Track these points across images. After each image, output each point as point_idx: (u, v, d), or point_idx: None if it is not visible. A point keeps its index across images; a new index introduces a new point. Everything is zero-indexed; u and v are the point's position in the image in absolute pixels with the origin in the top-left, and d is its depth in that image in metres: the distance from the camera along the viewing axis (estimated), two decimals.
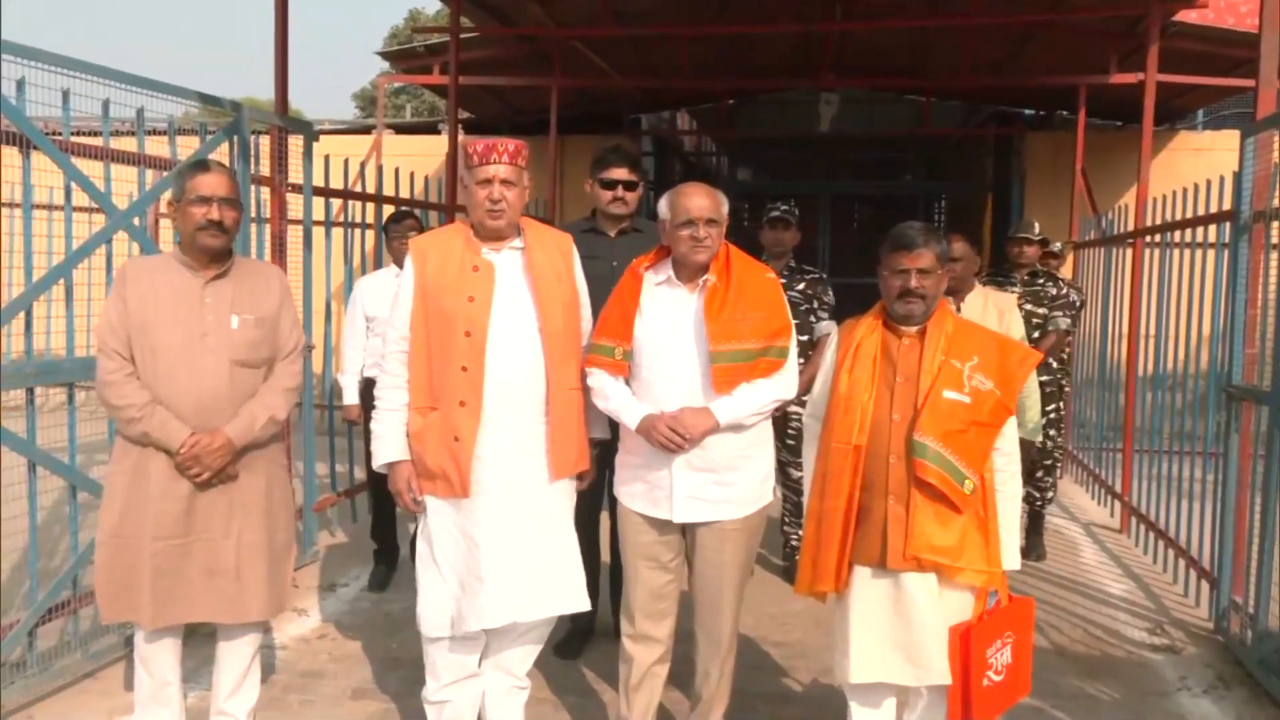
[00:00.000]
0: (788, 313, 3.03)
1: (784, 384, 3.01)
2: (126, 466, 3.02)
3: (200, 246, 3.03)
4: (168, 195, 3.16)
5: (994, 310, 4.42)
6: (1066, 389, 6.23)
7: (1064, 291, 5.59)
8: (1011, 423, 2.83)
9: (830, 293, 4.85)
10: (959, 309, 4.43)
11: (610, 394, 3.04)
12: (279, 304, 3.20)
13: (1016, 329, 4.37)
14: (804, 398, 3.22)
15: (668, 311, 3.03)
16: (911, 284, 2.78)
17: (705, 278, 3.00)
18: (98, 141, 3.94)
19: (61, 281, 3.81)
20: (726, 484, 3.00)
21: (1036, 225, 5.73)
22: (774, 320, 2.97)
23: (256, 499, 3.13)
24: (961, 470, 2.71)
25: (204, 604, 3.07)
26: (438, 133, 11.73)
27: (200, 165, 3.11)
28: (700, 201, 2.96)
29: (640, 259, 3.12)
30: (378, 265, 6.08)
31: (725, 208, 3.02)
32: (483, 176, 3.00)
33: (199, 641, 3.95)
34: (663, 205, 3.06)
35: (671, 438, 2.89)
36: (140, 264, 3.13)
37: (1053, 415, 5.63)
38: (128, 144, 4.10)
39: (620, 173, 3.88)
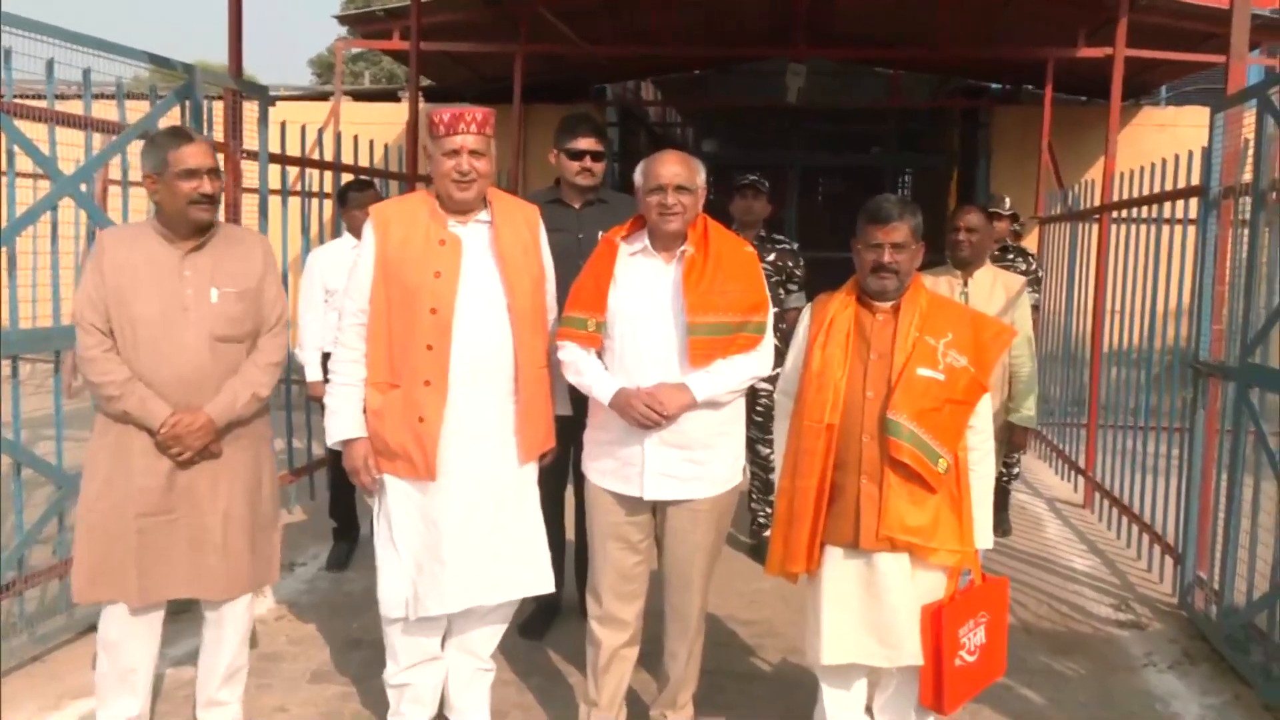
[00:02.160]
0: (765, 288, 2.98)
1: (759, 360, 2.96)
2: (108, 442, 2.96)
3: (193, 221, 2.96)
4: (137, 165, 3.05)
5: (1002, 290, 4.35)
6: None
7: (1033, 267, 5.59)
8: (986, 400, 2.81)
9: (802, 264, 4.80)
10: (966, 284, 4.39)
11: (583, 368, 2.97)
12: (262, 274, 3.11)
13: (1022, 314, 4.30)
14: (774, 373, 3.18)
15: (643, 282, 2.96)
16: (885, 259, 2.74)
17: (683, 248, 2.94)
18: (42, 104, 3.78)
19: (3, 250, 3.66)
20: (699, 462, 2.95)
21: (1007, 200, 5.72)
22: (751, 294, 2.91)
23: (242, 473, 3.08)
24: (935, 449, 2.68)
25: (190, 580, 3.02)
26: (397, 100, 11.51)
27: (180, 135, 3.01)
28: (672, 168, 2.89)
29: (616, 229, 3.05)
30: (336, 235, 5.95)
31: (701, 176, 2.95)
32: (449, 147, 2.91)
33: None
34: (638, 173, 2.99)
35: (647, 414, 2.83)
36: (117, 234, 3.05)
37: None
38: (74, 107, 3.94)
39: (588, 142, 3.79)
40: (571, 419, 3.31)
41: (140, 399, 2.89)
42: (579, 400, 3.21)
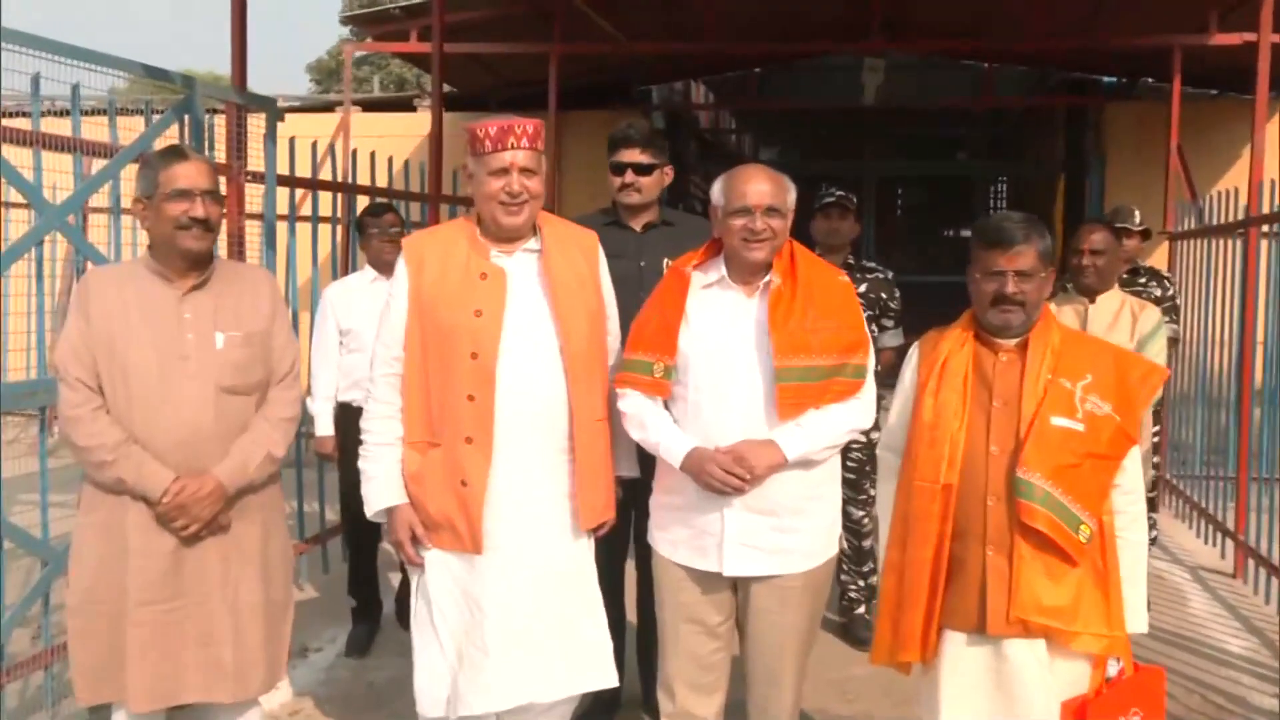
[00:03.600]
0: (864, 324, 2.95)
1: (861, 410, 2.93)
2: (98, 519, 2.94)
3: (182, 250, 2.96)
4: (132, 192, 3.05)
5: (1128, 317, 4.31)
6: (1158, 406, 6.13)
7: (1170, 293, 5.50)
8: (1134, 454, 2.74)
9: (898, 296, 4.76)
10: (1086, 311, 4.34)
11: (649, 422, 2.95)
12: (271, 316, 3.12)
13: (1156, 347, 4.24)
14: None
15: (720, 319, 2.94)
16: (1008, 289, 2.69)
17: (767, 279, 2.92)
18: (26, 124, 3.86)
19: None
20: (789, 530, 2.91)
21: (1137, 214, 5.63)
22: (848, 332, 2.88)
23: (252, 550, 3.06)
24: (1076, 513, 2.62)
25: (199, 680, 2.99)
26: (413, 109, 11.66)
27: (174, 153, 3.04)
28: (760, 186, 2.88)
29: (686, 256, 3.03)
30: (350, 267, 6.01)
31: (791, 195, 2.94)
32: (497, 165, 2.91)
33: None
34: (716, 189, 2.98)
35: (727, 479, 2.80)
36: (104, 274, 3.06)
37: (1154, 440, 5.53)
38: (60, 126, 4.02)
39: (630, 154, 3.79)
40: (633, 480, 3.28)
41: (137, 464, 2.87)
42: (644, 460, 3.19)
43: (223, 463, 2.96)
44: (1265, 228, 6.06)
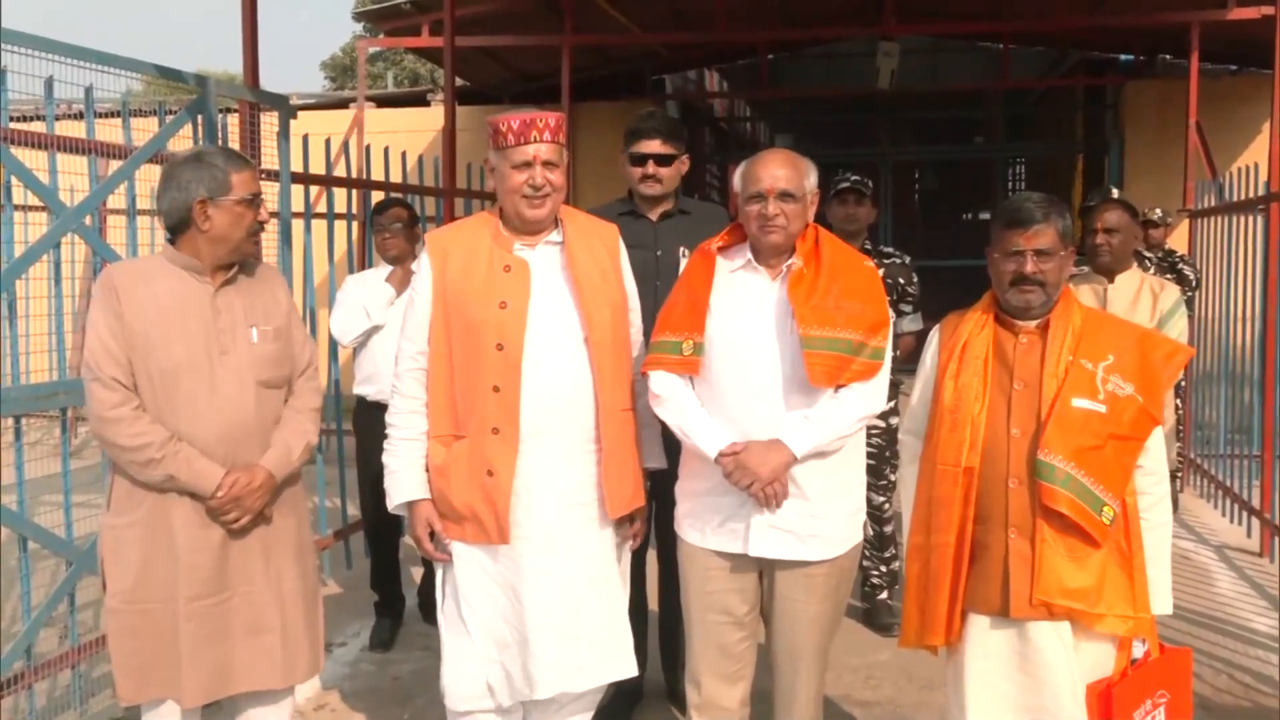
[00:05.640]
0: (887, 306, 2.93)
1: (874, 394, 2.90)
2: (138, 517, 2.92)
3: (245, 252, 3.03)
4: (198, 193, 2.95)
5: (1149, 295, 4.28)
6: (1183, 384, 6.11)
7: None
8: (1157, 435, 2.72)
9: (916, 281, 4.74)
10: (1105, 291, 4.32)
11: (683, 404, 2.92)
12: (289, 312, 3.15)
13: (1176, 323, 4.22)
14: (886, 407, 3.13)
15: (745, 303, 2.92)
16: (1028, 268, 2.68)
17: (789, 262, 2.90)
18: (40, 127, 3.87)
19: (1, 295, 3.75)
20: (818, 516, 2.90)
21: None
22: (873, 312, 2.86)
23: (289, 539, 3.08)
24: (1099, 495, 2.60)
25: (249, 670, 3.00)
26: (426, 104, 11.68)
27: (240, 158, 3.06)
28: (774, 171, 2.87)
29: (712, 239, 3.03)
30: (366, 263, 6.02)
31: (811, 179, 2.92)
32: (520, 159, 2.92)
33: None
34: (737, 176, 2.98)
35: (769, 501, 2.81)
36: (129, 270, 3.02)
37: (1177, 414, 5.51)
38: (74, 129, 4.03)
39: (651, 145, 3.78)
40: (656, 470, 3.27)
41: (186, 460, 2.86)
42: (669, 450, 3.18)
43: (269, 454, 2.99)
44: None
